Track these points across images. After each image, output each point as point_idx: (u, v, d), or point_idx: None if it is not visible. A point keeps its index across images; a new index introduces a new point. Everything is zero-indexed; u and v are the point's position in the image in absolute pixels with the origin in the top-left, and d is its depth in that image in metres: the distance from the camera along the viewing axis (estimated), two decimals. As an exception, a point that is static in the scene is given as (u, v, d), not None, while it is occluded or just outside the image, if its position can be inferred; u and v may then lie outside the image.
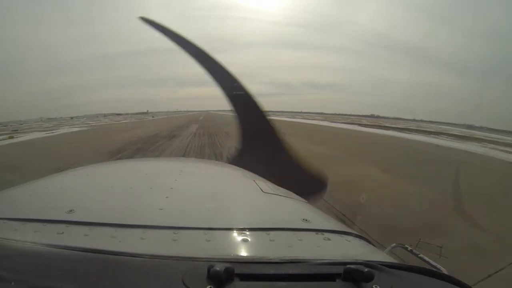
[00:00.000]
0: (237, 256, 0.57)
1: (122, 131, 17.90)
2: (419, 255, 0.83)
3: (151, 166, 1.59)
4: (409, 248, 0.87)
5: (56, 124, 39.46)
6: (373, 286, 0.46)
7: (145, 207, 0.82)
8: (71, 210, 0.72)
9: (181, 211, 0.80)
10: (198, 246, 0.59)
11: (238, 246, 0.61)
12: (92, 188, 1.03)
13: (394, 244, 0.92)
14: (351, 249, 0.68)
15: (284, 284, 0.47)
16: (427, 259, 0.78)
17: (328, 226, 0.79)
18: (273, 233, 0.66)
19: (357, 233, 0.76)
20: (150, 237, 0.61)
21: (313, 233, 0.69)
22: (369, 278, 0.46)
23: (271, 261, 0.52)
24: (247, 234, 0.64)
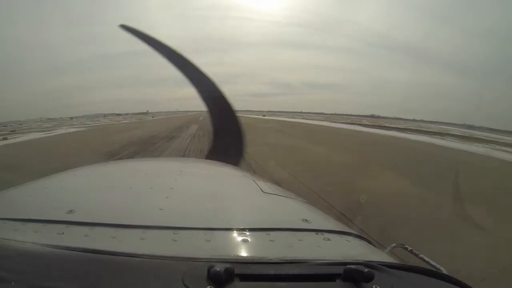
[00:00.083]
0: (237, 256, 0.57)
1: (119, 132, 17.50)
2: (419, 255, 0.83)
3: (151, 166, 1.59)
4: (409, 248, 0.86)
5: (55, 124, 39.21)
6: (373, 286, 0.46)
7: (145, 207, 0.82)
8: (71, 210, 0.72)
9: (181, 211, 0.80)
10: (198, 246, 0.59)
11: (238, 246, 0.61)
12: (92, 188, 1.03)
13: (394, 244, 0.92)
14: (351, 249, 0.68)
15: (284, 284, 0.47)
16: (427, 259, 0.78)
17: (328, 226, 0.79)
18: (273, 233, 0.66)
19: (357, 233, 0.76)
20: (150, 237, 0.61)
21: (313, 233, 0.69)
22: (369, 278, 0.46)
23: (271, 261, 0.52)
24: (247, 234, 0.64)
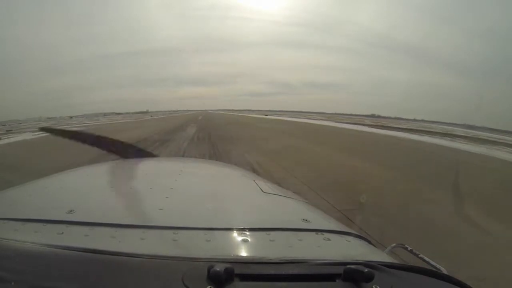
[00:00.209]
0: (237, 256, 0.57)
1: (112, 133, 16.85)
2: (419, 255, 0.83)
3: (151, 166, 1.59)
4: (409, 248, 0.86)
5: (53, 124, 38.93)
6: (373, 286, 0.46)
7: (145, 207, 0.82)
8: (71, 210, 0.72)
9: (181, 211, 0.80)
10: (198, 246, 0.59)
11: (238, 246, 0.61)
12: (92, 188, 1.03)
13: (394, 244, 0.92)
14: (351, 249, 0.68)
15: (284, 284, 0.47)
16: (427, 259, 0.78)
17: (328, 226, 0.79)
18: (273, 233, 0.66)
19: (357, 233, 0.76)
20: (150, 237, 0.61)
21: (313, 233, 0.69)
22: (369, 278, 0.46)
23: (271, 261, 0.52)
24: (247, 234, 0.64)
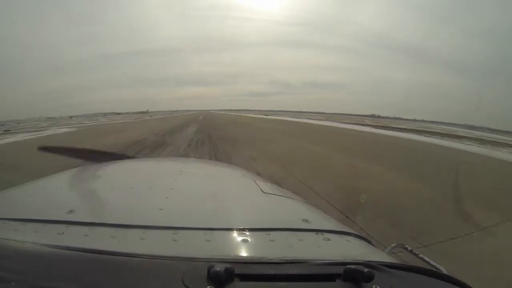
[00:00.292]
0: (237, 256, 0.57)
1: (108, 134, 16.13)
2: (419, 255, 0.83)
3: (151, 166, 1.59)
4: (409, 248, 0.86)
5: (51, 123, 38.19)
6: (373, 286, 0.46)
7: (145, 207, 0.82)
8: (71, 210, 0.72)
9: (181, 211, 0.80)
10: (198, 246, 0.59)
11: (238, 246, 0.61)
12: (92, 188, 1.03)
13: (394, 244, 0.92)
14: (351, 249, 0.68)
15: (284, 284, 0.47)
16: (427, 259, 0.78)
17: (328, 226, 0.79)
18: (273, 233, 0.66)
19: (357, 233, 0.76)
20: (150, 237, 0.61)
21: (313, 233, 0.69)
22: (369, 278, 0.46)
23: (271, 261, 0.52)
24: (247, 234, 0.64)
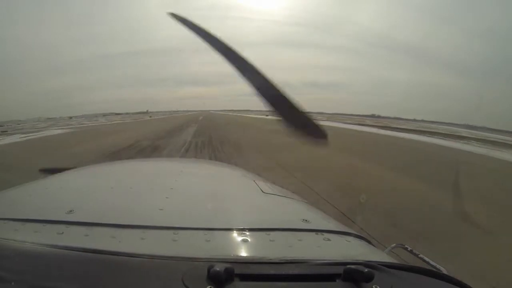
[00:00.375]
0: (237, 256, 0.57)
1: (103, 135, 15.60)
2: (419, 255, 0.83)
3: (151, 166, 1.59)
4: (409, 248, 0.87)
5: (50, 124, 37.25)
6: (373, 286, 0.46)
7: (145, 207, 0.82)
8: (71, 211, 0.72)
9: (181, 211, 0.80)
10: (198, 246, 0.59)
11: (238, 246, 0.61)
12: (92, 188, 1.03)
13: (394, 244, 0.92)
14: (351, 249, 0.68)
15: (284, 284, 0.47)
16: (427, 259, 0.78)
17: (328, 227, 0.79)
18: (273, 234, 0.66)
19: (357, 233, 0.76)
20: (150, 237, 0.61)
21: (313, 234, 0.69)
22: (369, 278, 0.46)
23: (271, 261, 0.52)
24: (247, 234, 0.64)
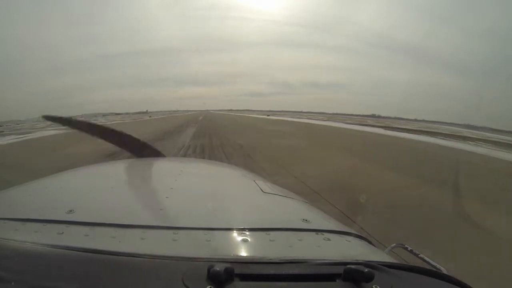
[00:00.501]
0: (237, 256, 0.57)
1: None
2: (419, 255, 0.83)
3: (151, 166, 1.59)
4: (409, 248, 0.87)
5: (49, 124, 37.31)
6: (373, 286, 0.46)
7: (145, 207, 0.82)
8: (71, 210, 0.71)
9: (181, 211, 0.80)
10: (198, 246, 0.59)
11: (238, 246, 0.61)
12: (92, 188, 1.03)
13: (394, 244, 0.92)
14: (351, 249, 0.68)
15: (284, 284, 0.47)
16: (427, 259, 0.78)
17: (328, 226, 0.79)
18: (273, 233, 0.66)
19: (357, 233, 0.76)
20: (150, 237, 0.61)
21: (313, 233, 0.69)
22: (369, 278, 0.46)
23: (271, 261, 0.52)
24: (247, 234, 0.64)
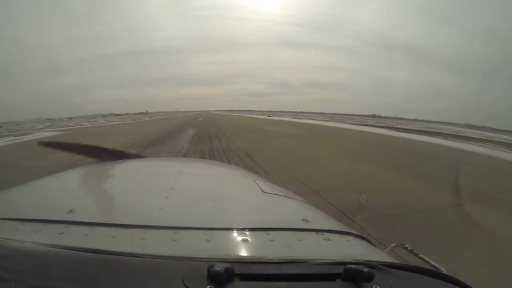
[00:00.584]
0: (237, 256, 0.57)
1: (96, 137, 14.76)
2: (419, 255, 0.83)
3: (151, 166, 1.59)
4: (409, 248, 0.87)
5: (48, 125, 36.13)
6: (373, 286, 0.46)
7: (145, 207, 0.82)
8: (71, 210, 0.72)
9: (181, 211, 0.80)
10: (198, 246, 0.59)
11: (238, 246, 0.61)
12: (92, 188, 1.03)
13: (394, 244, 0.92)
14: (351, 249, 0.68)
15: (284, 284, 0.47)
16: (427, 259, 0.78)
17: (328, 226, 0.79)
18: (273, 233, 0.66)
19: (357, 233, 0.76)
20: (150, 237, 0.61)
21: (313, 233, 0.69)
22: (369, 278, 0.46)
23: (271, 261, 0.52)
24: (247, 234, 0.64)
